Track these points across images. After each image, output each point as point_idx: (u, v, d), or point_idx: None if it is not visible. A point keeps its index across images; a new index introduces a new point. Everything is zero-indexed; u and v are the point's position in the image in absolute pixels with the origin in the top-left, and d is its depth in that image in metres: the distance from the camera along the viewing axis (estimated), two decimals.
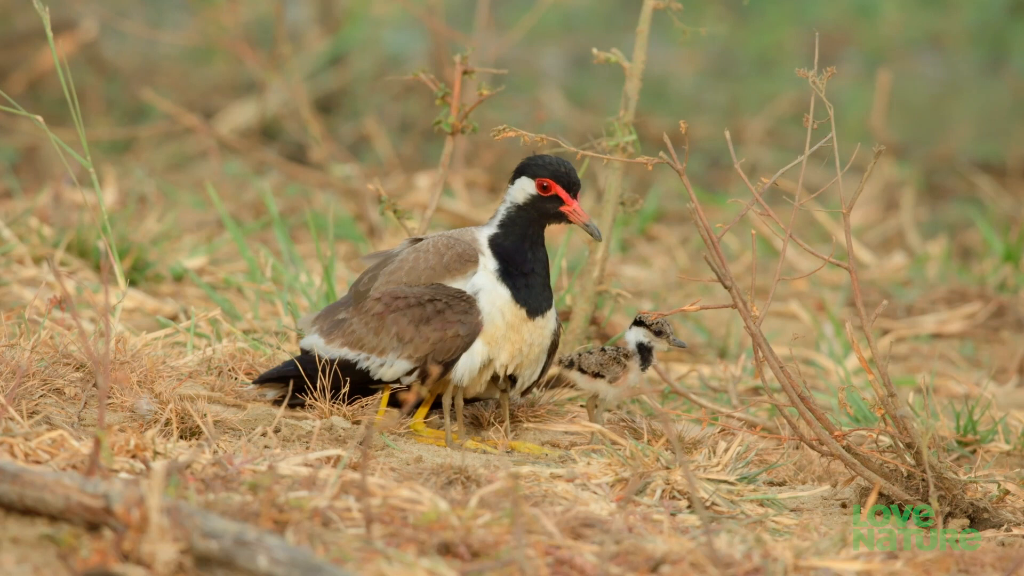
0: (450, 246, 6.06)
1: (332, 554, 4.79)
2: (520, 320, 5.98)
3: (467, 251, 6.04)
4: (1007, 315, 9.18)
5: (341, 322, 6.09)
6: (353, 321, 6.07)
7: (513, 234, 6.03)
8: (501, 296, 5.98)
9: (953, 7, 15.70)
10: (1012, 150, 13.13)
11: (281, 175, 11.18)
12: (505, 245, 6.03)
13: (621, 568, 4.96)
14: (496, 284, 5.99)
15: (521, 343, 5.99)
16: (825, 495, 5.95)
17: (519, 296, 5.99)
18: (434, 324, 5.98)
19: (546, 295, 6.02)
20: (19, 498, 4.77)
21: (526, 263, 6.01)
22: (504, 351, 5.99)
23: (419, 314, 5.99)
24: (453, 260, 6.05)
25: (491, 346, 5.98)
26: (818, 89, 5.67)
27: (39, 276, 8.03)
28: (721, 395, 7.31)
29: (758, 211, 5.72)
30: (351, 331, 6.06)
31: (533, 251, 6.03)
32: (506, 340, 5.98)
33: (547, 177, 5.99)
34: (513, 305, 5.98)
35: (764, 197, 5.69)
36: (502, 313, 5.97)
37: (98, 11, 12.68)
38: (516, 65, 13.93)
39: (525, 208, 6.02)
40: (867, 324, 5.63)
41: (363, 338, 6.04)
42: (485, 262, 6.02)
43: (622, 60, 6.73)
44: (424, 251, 6.08)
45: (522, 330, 5.99)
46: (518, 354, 6.00)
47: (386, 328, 6.01)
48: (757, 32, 15.59)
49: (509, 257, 6.01)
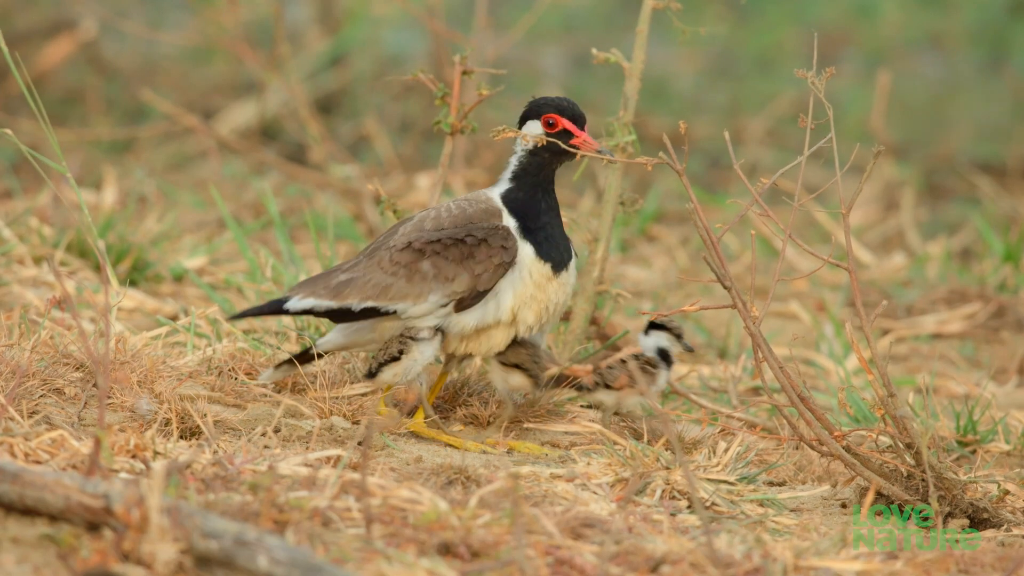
0: (472, 203, 6.09)
1: (332, 554, 4.79)
2: (546, 279, 6.03)
3: (490, 207, 6.07)
4: (1007, 315, 9.18)
5: (350, 281, 6.07)
6: (373, 274, 6.05)
7: (526, 184, 6.07)
8: (527, 253, 6.02)
9: (953, 7, 15.70)
10: (1012, 150, 13.13)
11: (281, 175, 11.17)
12: (519, 198, 6.06)
13: (621, 568, 4.96)
14: (520, 240, 6.02)
15: (547, 302, 6.04)
16: (825, 495, 5.95)
17: (542, 252, 6.03)
18: (479, 256, 6.00)
19: (565, 244, 6.07)
20: (19, 498, 4.77)
21: (540, 214, 6.03)
22: (531, 312, 6.03)
23: (460, 251, 6.00)
24: (478, 213, 6.07)
25: (520, 303, 6.01)
26: (817, 89, 5.67)
27: (39, 276, 8.03)
28: (721, 395, 7.31)
29: (758, 211, 5.72)
30: (371, 283, 6.04)
31: (546, 199, 6.05)
32: (533, 300, 6.02)
33: (552, 113, 6.04)
34: (538, 262, 6.02)
35: (764, 197, 5.69)
36: (530, 272, 6.01)
37: (98, 11, 12.68)
38: (516, 65, 13.93)
39: (536, 151, 6.06)
40: (867, 324, 5.63)
41: (390, 287, 6.04)
42: (506, 219, 6.06)
43: (622, 60, 6.73)
44: (447, 208, 6.10)
45: (548, 289, 6.03)
46: (544, 313, 6.04)
47: (422, 272, 6.02)
48: (757, 32, 15.59)
49: (525, 211, 6.05)
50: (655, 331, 6.26)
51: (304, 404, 6.12)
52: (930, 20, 15.74)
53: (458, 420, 6.32)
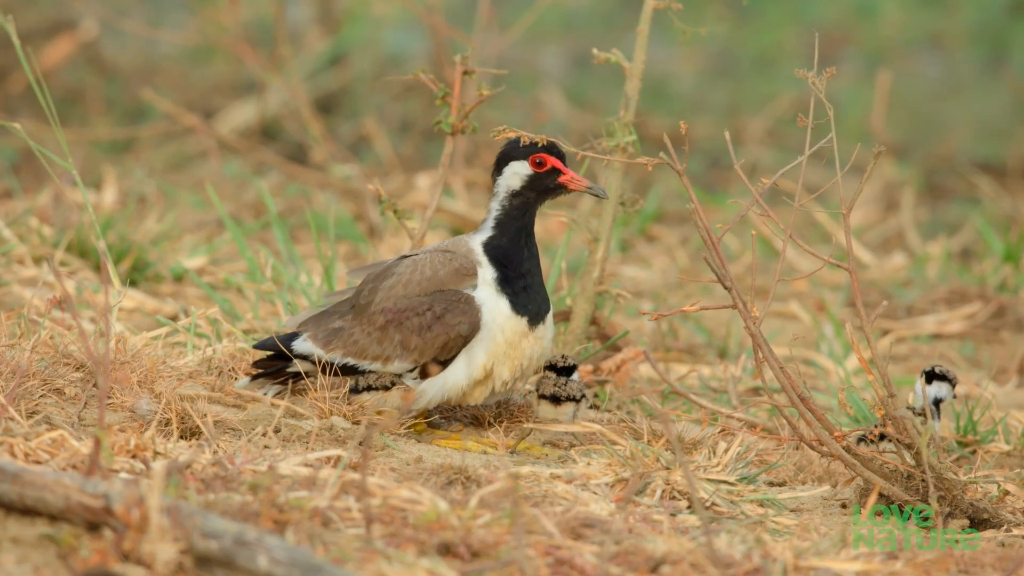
0: (446, 261, 6.08)
1: (332, 554, 4.79)
2: (520, 335, 6.02)
3: (464, 265, 6.07)
4: (1007, 315, 9.18)
5: (339, 331, 6.12)
6: (355, 332, 6.10)
7: (510, 230, 6.06)
8: (501, 311, 6.01)
9: (953, 7, 15.70)
10: (1012, 150, 13.13)
11: (281, 175, 11.18)
12: (502, 245, 6.05)
13: (621, 568, 4.96)
14: (496, 297, 6.01)
15: (522, 358, 6.04)
16: (825, 495, 5.95)
17: (518, 304, 6.02)
18: (435, 329, 6.01)
19: (543, 294, 6.05)
20: (19, 498, 4.77)
21: (522, 262, 6.04)
22: (506, 368, 6.04)
23: (419, 323, 6.03)
24: (449, 275, 6.07)
25: (493, 360, 6.01)
26: (817, 89, 5.67)
27: (39, 276, 8.03)
28: (721, 395, 7.31)
29: (758, 211, 5.72)
30: (353, 341, 6.10)
31: (528, 247, 6.06)
32: (507, 357, 6.02)
33: (541, 152, 6.04)
34: (513, 317, 6.01)
35: (764, 197, 5.69)
36: (502, 330, 6.01)
37: (98, 11, 12.68)
38: (516, 65, 13.93)
39: (522, 193, 6.06)
40: (867, 324, 5.63)
41: (367, 348, 6.09)
42: (483, 273, 6.04)
43: (622, 60, 6.73)
44: (421, 265, 6.10)
45: (521, 345, 6.03)
46: (518, 369, 6.04)
47: (389, 338, 6.06)
48: (757, 32, 15.59)
49: (506, 259, 6.03)
50: (939, 382, 6.21)
51: (304, 404, 6.12)
52: (930, 20, 15.74)
53: (458, 420, 6.32)
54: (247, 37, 11.88)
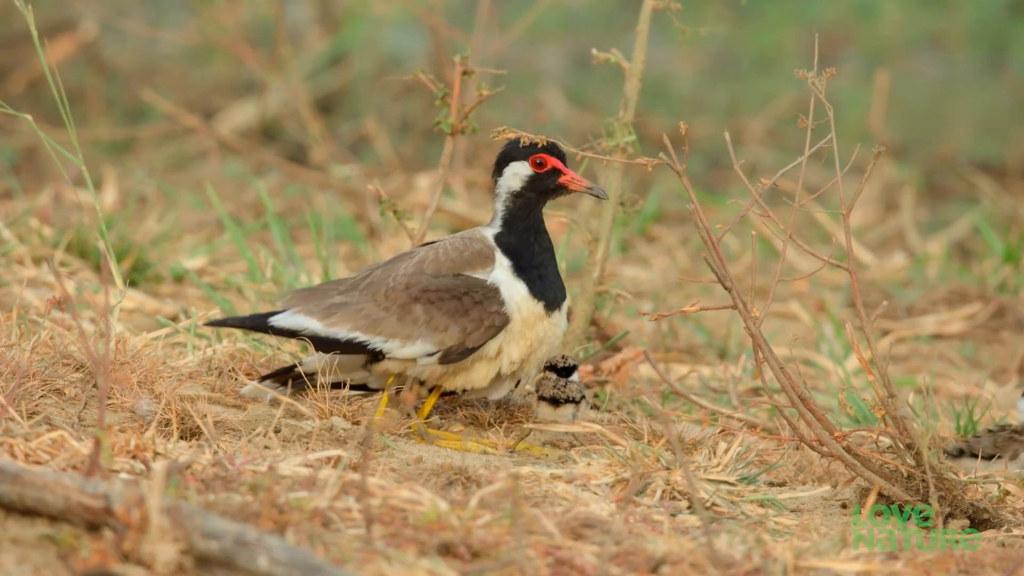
0: (467, 245, 6.09)
1: (332, 554, 4.79)
2: (536, 316, 6.02)
3: (484, 248, 6.07)
4: (1007, 316, 9.18)
5: (343, 305, 6.08)
6: (366, 306, 6.06)
7: (517, 228, 6.07)
8: (519, 292, 6.02)
9: (953, 7, 15.70)
10: (1012, 150, 13.13)
11: (281, 175, 11.17)
12: (512, 242, 6.06)
13: (621, 569, 4.96)
14: (513, 280, 6.02)
15: (533, 339, 6.03)
16: (825, 496, 5.95)
17: (535, 289, 6.03)
18: (472, 315, 6.00)
19: (559, 284, 6.07)
20: (19, 498, 4.77)
21: (534, 255, 6.04)
22: (517, 347, 6.03)
23: (455, 306, 6.01)
24: (473, 256, 6.07)
25: (505, 340, 6.02)
26: (817, 89, 5.66)
27: (39, 276, 8.03)
28: (721, 396, 7.31)
29: (758, 212, 5.72)
30: (364, 315, 6.05)
31: (539, 241, 6.07)
32: (520, 336, 6.02)
33: (541, 153, 6.04)
34: (530, 300, 6.02)
35: (764, 198, 5.69)
36: (519, 309, 6.01)
37: (98, 11, 12.68)
38: (516, 65, 13.93)
39: (523, 193, 6.06)
40: (867, 325, 5.63)
41: (381, 322, 6.04)
42: (500, 259, 6.06)
43: (622, 60, 6.73)
44: (443, 247, 6.10)
45: (537, 327, 6.03)
46: (528, 350, 6.03)
47: (413, 316, 6.02)
48: (757, 32, 15.59)
49: (518, 253, 6.05)
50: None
51: (304, 405, 6.12)
52: (930, 20, 15.74)
53: (458, 421, 6.32)
54: (247, 37, 11.88)
